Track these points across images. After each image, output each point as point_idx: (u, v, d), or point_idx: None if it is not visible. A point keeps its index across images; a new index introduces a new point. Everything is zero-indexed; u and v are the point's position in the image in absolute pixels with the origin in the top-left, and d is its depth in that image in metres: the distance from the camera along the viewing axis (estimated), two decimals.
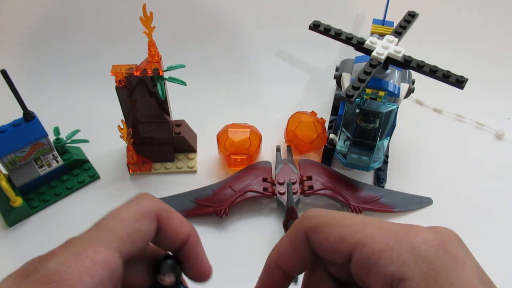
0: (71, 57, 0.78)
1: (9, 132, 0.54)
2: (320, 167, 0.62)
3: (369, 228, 0.21)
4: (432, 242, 0.20)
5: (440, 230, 0.22)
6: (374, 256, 0.20)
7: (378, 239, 0.21)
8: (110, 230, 0.23)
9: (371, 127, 0.55)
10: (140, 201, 0.25)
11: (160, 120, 0.60)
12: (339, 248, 0.22)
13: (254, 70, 0.79)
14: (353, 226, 0.22)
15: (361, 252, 0.21)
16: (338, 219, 0.23)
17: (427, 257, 0.20)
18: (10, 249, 0.55)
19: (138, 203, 0.24)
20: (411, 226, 0.22)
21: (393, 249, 0.20)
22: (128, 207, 0.24)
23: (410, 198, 0.61)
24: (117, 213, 0.24)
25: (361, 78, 0.52)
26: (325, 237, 0.22)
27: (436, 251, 0.20)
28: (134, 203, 0.24)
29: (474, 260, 0.21)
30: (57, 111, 0.70)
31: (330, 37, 0.60)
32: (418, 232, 0.21)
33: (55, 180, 0.61)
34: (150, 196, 0.25)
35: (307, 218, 0.24)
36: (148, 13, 0.49)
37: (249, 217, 0.59)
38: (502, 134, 0.69)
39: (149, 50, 0.53)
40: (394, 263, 0.20)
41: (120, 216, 0.24)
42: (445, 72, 0.53)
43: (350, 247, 0.21)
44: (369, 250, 0.21)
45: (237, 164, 0.62)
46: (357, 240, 0.21)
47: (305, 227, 0.23)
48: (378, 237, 0.21)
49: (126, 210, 0.24)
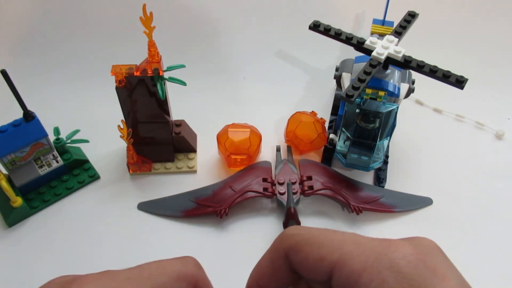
0: (71, 57, 0.78)
1: (9, 132, 0.54)
2: (320, 167, 0.62)
3: (347, 246, 0.21)
4: (411, 257, 0.20)
5: (419, 242, 0.22)
6: (353, 276, 0.20)
7: (357, 257, 0.21)
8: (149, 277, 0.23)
9: (371, 127, 0.55)
10: (187, 263, 0.25)
11: (160, 120, 0.60)
12: (318, 267, 0.22)
13: (254, 70, 0.79)
14: (331, 245, 0.22)
15: (341, 271, 0.21)
16: (317, 237, 0.23)
17: (406, 273, 0.20)
18: (10, 249, 0.55)
19: (185, 264, 0.25)
20: (390, 241, 0.22)
21: (372, 267, 0.20)
22: (174, 264, 0.24)
23: (410, 198, 0.61)
24: (162, 264, 0.24)
25: (361, 78, 0.52)
26: (304, 257, 0.22)
27: (415, 266, 0.20)
28: (180, 263, 0.25)
29: (455, 271, 0.21)
30: (57, 111, 0.70)
31: (330, 37, 0.60)
32: (397, 247, 0.21)
33: (55, 180, 0.61)
34: (196, 262, 0.26)
35: (285, 237, 0.24)
36: (148, 13, 0.49)
37: (249, 217, 0.59)
38: (502, 134, 0.69)
39: (149, 50, 0.53)
40: (374, 282, 0.20)
41: (164, 269, 0.24)
42: (445, 72, 0.53)
43: (329, 266, 0.21)
44: (349, 269, 0.21)
45: (237, 164, 0.62)
46: (336, 259, 0.21)
47: (285, 247, 0.23)
48: (357, 255, 0.21)
49: (171, 266, 0.24)
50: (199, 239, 0.57)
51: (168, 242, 0.56)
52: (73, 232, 0.57)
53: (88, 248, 0.56)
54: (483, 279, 0.53)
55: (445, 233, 0.57)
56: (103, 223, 0.58)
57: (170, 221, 0.58)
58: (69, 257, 0.55)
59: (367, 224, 0.58)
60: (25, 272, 0.53)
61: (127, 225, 0.58)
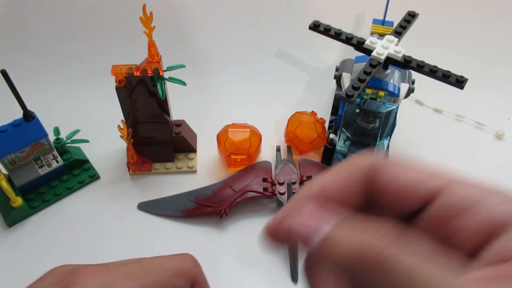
0: (71, 57, 0.78)
1: (9, 132, 0.54)
2: (320, 167, 0.62)
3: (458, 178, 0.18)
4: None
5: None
6: (471, 199, 0.17)
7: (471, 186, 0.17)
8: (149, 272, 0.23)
9: (371, 127, 0.55)
10: (186, 259, 0.26)
11: (160, 120, 0.60)
12: (413, 190, 0.18)
13: (254, 70, 0.79)
14: (432, 172, 0.18)
15: (452, 194, 0.17)
16: (413, 163, 0.19)
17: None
18: (10, 249, 0.55)
19: (184, 261, 0.25)
20: None
21: (494, 196, 0.17)
22: (173, 260, 0.25)
23: None
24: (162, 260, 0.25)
25: (361, 78, 0.52)
26: (393, 177, 0.18)
27: None
28: (179, 259, 0.25)
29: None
30: (57, 111, 0.70)
31: (330, 37, 0.60)
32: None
33: (55, 180, 0.61)
34: (194, 259, 0.26)
35: (364, 157, 0.20)
36: (148, 13, 0.49)
37: (249, 217, 0.59)
38: (502, 134, 0.69)
39: (149, 50, 0.53)
40: (499, 207, 0.16)
41: (164, 264, 0.24)
42: (445, 72, 0.53)
43: (432, 189, 0.18)
44: (464, 193, 0.17)
45: (237, 164, 0.62)
46: (444, 183, 0.18)
47: (366, 164, 0.19)
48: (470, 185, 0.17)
49: (170, 262, 0.25)
50: (199, 239, 0.57)
51: (168, 242, 0.56)
52: (73, 232, 0.57)
53: (88, 248, 0.56)
54: None
55: None
56: (103, 223, 0.58)
57: (170, 221, 0.58)
58: (69, 257, 0.55)
59: None
60: (25, 272, 0.53)
61: (127, 225, 0.58)
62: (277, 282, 0.53)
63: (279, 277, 0.53)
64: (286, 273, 0.53)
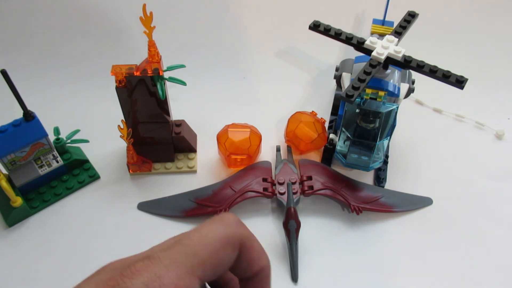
0: (71, 57, 0.78)
1: (9, 132, 0.54)
2: (320, 167, 0.62)
3: None
4: None
5: None
6: None
7: None
8: (194, 254, 0.21)
9: (371, 127, 0.55)
10: (227, 224, 0.23)
11: (160, 120, 0.60)
12: None
13: (254, 70, 0.79)
14: None
15: None
16: None
17: None
18: (10, 249, 0.55)
19: (225, 226, 0.23)
20: None
21: None
22: (214, 229, 0.23)
23: (410, 198, 0.61)
24: (203, 234, 0.23)
25: (361, 78, 0.52)
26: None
27: None
28: (220, 226, 0.23)
29: None
30: (57, 111, 0.70)
31: (330, 37, 0.60)
32: None
33: (55, 180, 0.61)
34: (236, 219, 0.24)
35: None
36: (148, 13, 0.49)
37: (249, 217, 0.59)
38: (502, 134, 0.69)
39: (149, 50, 0.53)
40: None
41: (206, 239, 0.22)
42: (445, 72, 0.53)
43: None
44: None
45: (237, 164, 0.62)
46: None
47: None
48: None
49: (212, 234, 0.23)
50: None
51: None
52: (73, 232, 0.57)
53: (88, 248, 0.56)
54: (483, 278, 0.53)
55: (445, 233, 0.57)
56: (103, 223, 0.58)
57: (170, 221, 0.58)
58: (69, 257, 0.55)
59: (367, 224, 0.58)
60: (25, 272, 0.53)
61: (127, 225, 0.58)
62: (277, 282, 0.53)
63: (279, 277, 0.53)
64: (286, 273, 0.53)
